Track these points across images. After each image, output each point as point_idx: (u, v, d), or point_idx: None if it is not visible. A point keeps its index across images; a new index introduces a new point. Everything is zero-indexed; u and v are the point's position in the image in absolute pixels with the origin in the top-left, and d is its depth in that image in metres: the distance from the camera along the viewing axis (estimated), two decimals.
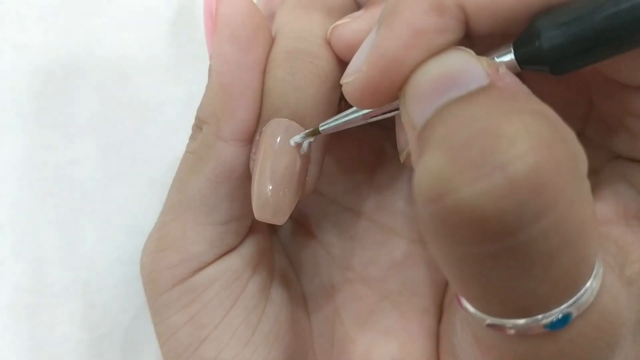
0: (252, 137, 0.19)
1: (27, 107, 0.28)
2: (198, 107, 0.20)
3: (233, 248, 0.20)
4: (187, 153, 0.20)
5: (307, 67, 0.18)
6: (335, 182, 0.24)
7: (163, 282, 0.19)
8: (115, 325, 0.27)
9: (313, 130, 0.18)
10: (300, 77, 0.18)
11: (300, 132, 0.18)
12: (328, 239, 0.24)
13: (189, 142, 0.20)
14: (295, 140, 0.18)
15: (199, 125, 0.20)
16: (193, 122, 0.20)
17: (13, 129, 0.28)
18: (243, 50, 0.18)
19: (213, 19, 0.18)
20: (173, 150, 0.28)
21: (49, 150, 0.28)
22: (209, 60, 0.19)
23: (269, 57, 0.19)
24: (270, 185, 0.18)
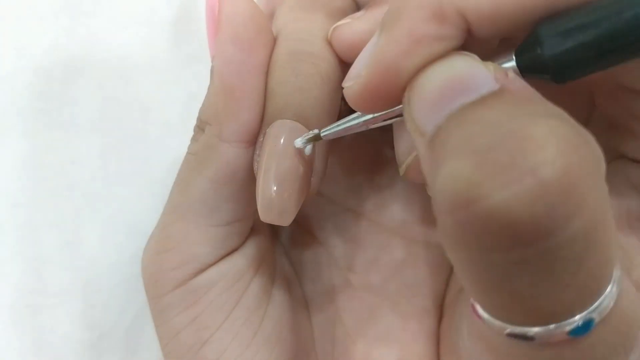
0: (254, 138, 0.19)
1: (27, 107, 0.28)
2: (200, 108, 0.20)
3: (235, 249, 0.20)
4: (189, 154, 0.20)
5: (309, 68, 0.18)
6: (336, 183, 0.24)
7: (165, 283, 0.19)
8: (116, 325, 0.27)
9: (315, 136, 0.18)
10: (303, 78, 0.18)
11: (304, 133, 0.18)
12: (329, 240, 0.24)
13: (191, 143, 0.20)
14: (297, 145, 0.18)
15: (201, 127, 0.19)
16: (194, 122, 0.20)
17: (13, 129, 0.27)
18: (246, 52, 0.18)
19: (215, 20, 0.18)
20: (174, 151, 0.28)
21: (50, 151, 0.28)
22: (211, 61, 0.19)
23: (272, 58, 0.19)
24: (275, 187, 0.18)
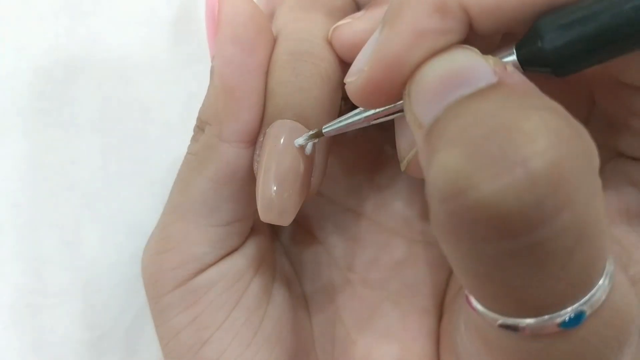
0: (254, 138, 0.19)
1: (27, 107, 0.28)
2: (200, 108, 0.20)
3: (235, 249, 0.20)
4: (189, 154, 0.20)
5: (310, 68, 0.18)
6: (336, 182, 0.24)
7: (165, 283, 0.19)
8: (116, 325, 0.27)
9: (316, 132, 0.18)
10: (304, 78, 0.18)
11: (304, 133, 0.18)
12: (329, 240, 0.24)
13: (191, 143, 0.20)
14: (299, 142, 0.18)
15: (201, 127, 0.19)
16: (194, 122, 0.20)
17: (13, 129, 0.27)
18: (246, 52, 0.18)
19: (215, 20, 0.18)
20: (174, 151, 0.28)
21: (50, 151, 0.28)
22: (211, 62, 0.19)
23: (272, 58, 0.19)
24: (275, 187, 0.18)
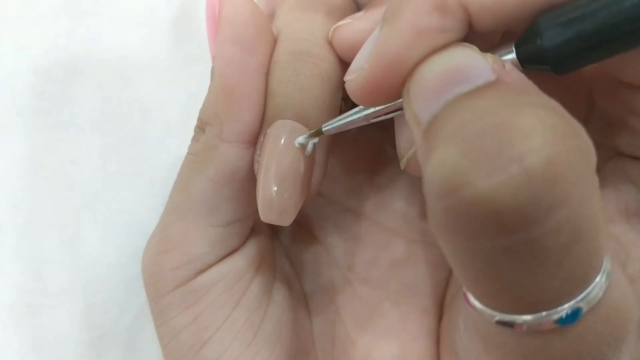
0: (255, 138, 0.19)
1: (27, 107, 0.28)
2: (200, 108, 0.20)
3: (235, 249, 0.20)
4: (189, 154, 0.20)
5: (310, 68, 0.18)
6: (336, 182, 0.24)
7: (165, 284, 0.19)
8: (116, 325, 0.27)
9: (316, 131, 0.18)
10: (304, 78, 0.18)
11: (305, 133, 0.18)
12: (329, 240, 0.24)
13: (191, 143, 0.20)
14: (299, 142, 0.18)
15: (201, 127, 0.19)
16: (194, 122, 0.20)
17: (13, 129, 0.27)
18: (246, 52, 0.18)
19: (215, 20, 0.18)
20: (174, 151, 0.28)
21: (50, 151, 0.28)
22: (212, 62, 0.19)
23: (272, 58, 0.19)
24: (275, 187, 0.18)
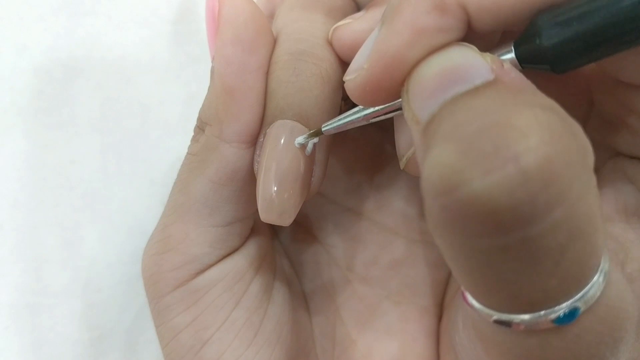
0: (254, 138, 0.19)
1: (27, 107, 0.28)
2: (200, 108, 0.20)
3: (235, 249, 0.20)
4: (189, 154, 0.20)
5: (310, 68, 0.18)
6: (336, 182, 0.24)
7: (165, 284, 0.19)
8: (115, 325, 0.27)
9: (316, 131, 0.18)
10: (304, 78, 0.18)
11: (305, 133, 0.18)
12: (329, 240, 0.24)
13: (191, 143, 0.20)
14: (299, 141, 0.18)
15: (201, 127, 0.19)
16: (194, 122, 0.20)
17: (13, 129, 0.27)
18: (246, 52, 0.18)
19: (215, 21, 0.18)
20: (173, 151, 0.28)
21: (49, 150, 0.28)
22: (212, 62, 0.19)
23: (272, 58, 0.19)
24: (275, 187, 0.18)
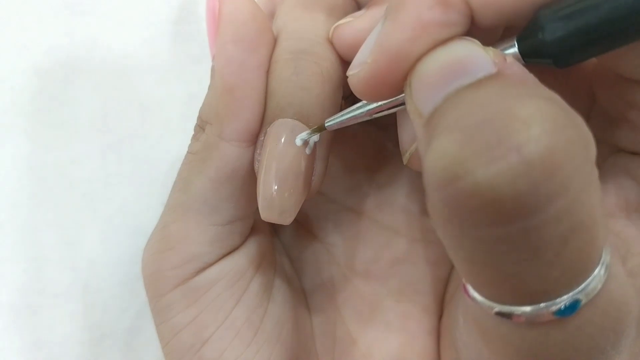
0: (255, 137, 0.19)
1: (27, 107, 0.28)
2: (200, 107, 0.20)
3: (235, 248, 0.20)
4: (189, 153, 0.20)
5: (311, 67, 0.18)
6: (336, 181, 0.24)
7: (165, 283, 0.19)
8: (116, 325, 0.27)
9: (319, 127, 0.18)
10: (305, 77, 0.18)
11: (305, 131, 0.18)
12: (329, 238, 0.24)
13: (191, 142, 0.20)
14: (302, 137, 0.18)
15: (202, 126, 0.19)
16: (194, 122, 0.20)
17: (13, 129, 0.27)
18: (247, 51, 0.18)
19: (216, 19, 0.18)
20: (174, 150, 0.28)
21: (49, 150, 0.28)
22: (212, 61, 0.19)
23: (272, 57, 0.19)
24: (276, 186, 0.18)
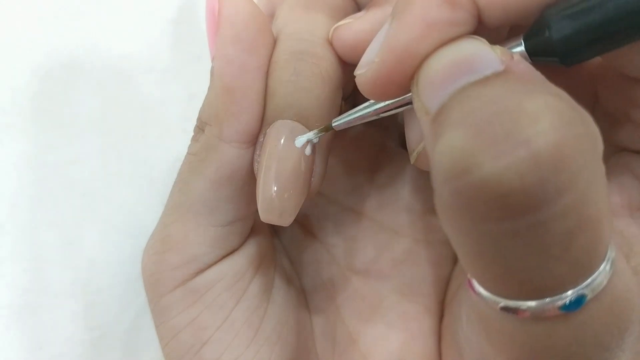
0: (254, 138, 0.19)
1: (27, 107, 0.28)
2: (200, 108, 0.20)
3: (235, 249, 0.20)
4: (189, 154, 0.20)
5: (310, 68, 0.18)
6: (336, 181, 0.24)
7: (165, 283, 0.19)
8: (115, 325, 0.27)
9: (325, 127, 0.18)
10: (304, 78, 0.18)
11: (305, 132, 0.18)
12: (329, 239, 0.24)
13: (191, 143, 0.20)
14: (308, 138, 0.18)
15: (201, 127, 0.19)
16: (194, 123, 0.20)
17: (13, 129, 0.27)
18: (246, 52, 0.18)
19: (215, 21, 0.18)
20: (173, 150, 0.28)
21: (49, 150, 0.28)
22: (212, 62, 0.19)
23: (272, 58, 0.19)
24: (276, 187, 0.18)
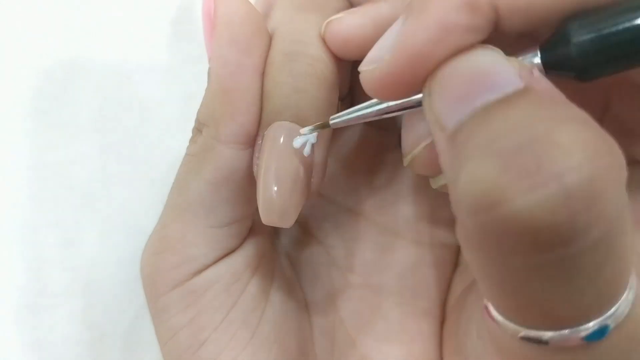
0: (252, 139, 0.19)
1: (27, 107, 0.28)
2: (198, 109, 0.20)
3: (233, 250, 0.20)
4: (187, 155, 0.20)
5: (305, 68, 0.18)
6: (336, 183, 0.24)
7: (163, 284, 0.19)
8: (115, 325, 0.27)
9: (323, 123, 0.18)
10: (300, 79, 0.18)
11: (309, 126, 0.18)
12: (329, 241, 0.24)
13: (189, 144, 0.20)
14: (304, 132, 0.18)
15: (199, 128, 0.19)
16: (193, 123, 0.20)
17: (13, 129, 0.28)
18: (242, 53, 0.18)
19: (212, 21, 0.18)
20: (173, 151, 0.28)
21: (49, 150, 0.28)
22: (208, 63, 0.19)
23: (268, 59, 0.19)
24: (276, 189, 0.18)
